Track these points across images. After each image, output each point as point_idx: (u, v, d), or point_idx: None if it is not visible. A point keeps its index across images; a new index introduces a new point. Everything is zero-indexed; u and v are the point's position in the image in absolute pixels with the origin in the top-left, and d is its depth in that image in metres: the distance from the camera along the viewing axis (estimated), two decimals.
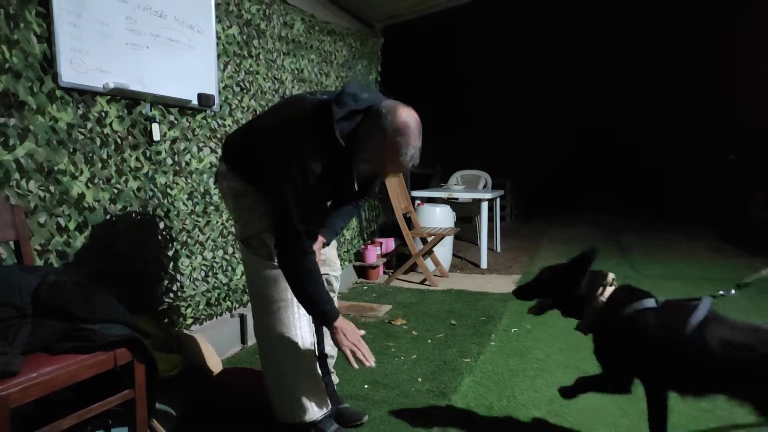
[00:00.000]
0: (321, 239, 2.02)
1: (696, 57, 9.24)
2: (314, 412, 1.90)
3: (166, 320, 2.51)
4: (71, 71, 1.99)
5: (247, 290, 2.54)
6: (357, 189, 1.89)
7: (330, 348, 2.33)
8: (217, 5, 2.77)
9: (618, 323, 1.69)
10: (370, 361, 1.74)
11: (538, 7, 9.19)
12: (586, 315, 1.78)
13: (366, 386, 2.49)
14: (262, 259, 1.87)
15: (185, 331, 2.55)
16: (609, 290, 1.77)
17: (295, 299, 1.82)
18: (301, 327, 1.91)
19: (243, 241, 1.92)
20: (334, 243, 2.30)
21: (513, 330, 3.29)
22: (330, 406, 1.96)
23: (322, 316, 1.77)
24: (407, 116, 1.65)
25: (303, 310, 1.85)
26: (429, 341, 3.12)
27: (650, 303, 1.69)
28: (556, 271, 1.90)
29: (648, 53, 10.01)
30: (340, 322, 1.76)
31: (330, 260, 2.29)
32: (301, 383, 1.90)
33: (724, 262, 5.41)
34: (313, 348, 1.96)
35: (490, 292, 4.26)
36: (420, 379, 2.56)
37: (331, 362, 2.39)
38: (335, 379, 2.32)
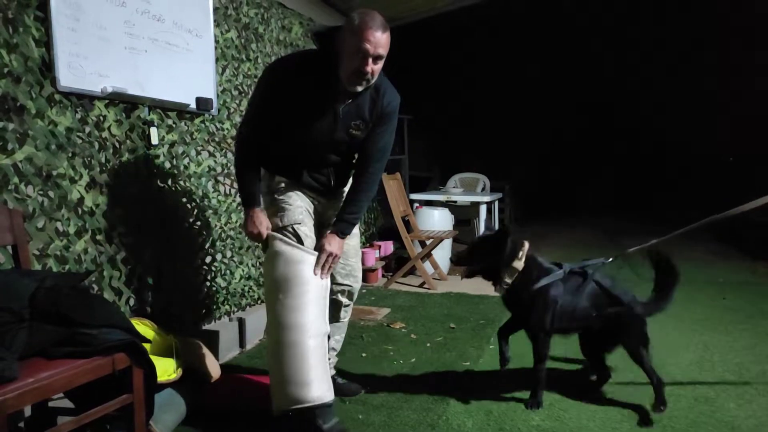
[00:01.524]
0: (334, 234, 2.11)
1: (695, 60, 9.27)
2: (324, 393, 1.95)
3: (165, 325, 2.50)
4: (70, 75, 1.99)
5: (263, 283, 2.74)
6: (349, 130, 2.07)
7: (334, 342, 2.40)
8: (215, 9, 2.77)
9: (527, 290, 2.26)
10: (264, 236, 2.05)
11: (536, 10, 9.22)
12: (504, 278, 2.28)
13: (365, 390, 2.48)
14: (295, 251, 2.01)
15: (185, 336, 2.54)
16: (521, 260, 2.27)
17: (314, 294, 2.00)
18: (316, 317, 1.99)
19: (278, 230, 2.06)
20: (358, 252, 2.39)
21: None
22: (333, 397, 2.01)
23: (242, 198, 2.10)
24: (369, 10, 1.90)
25: (322, 304, 2.04)
26: (428, 345, 3.11)
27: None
28: (485, 239, 2.39)
29: (648, 57, 10.03)
30: (253, 212, 2.05)
31: (354, 270, 2.37)
32: (315, 365, 1.94)
33: (724, 266, 5.41)
34: (326, 338, 2.07)
35: (489, 295, 4.24)
36: (419, 383, 2.56)
37: (332, 360, 2.42)
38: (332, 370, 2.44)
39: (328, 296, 2.11)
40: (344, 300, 2.37)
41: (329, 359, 2.39)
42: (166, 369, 2.15)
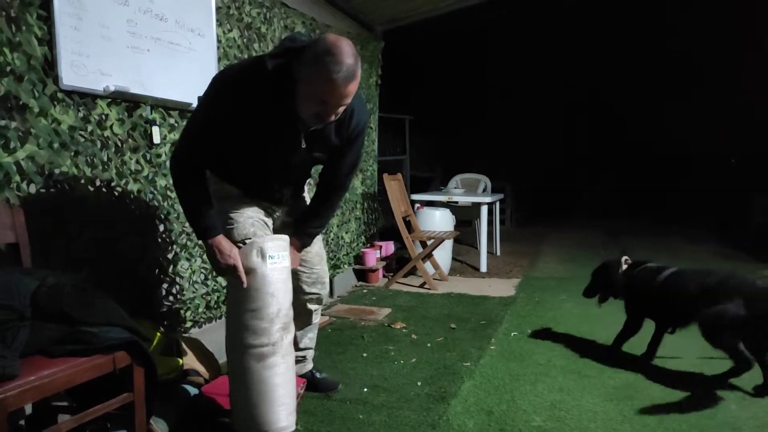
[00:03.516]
0: (295, 241, 2.03)
1: (698, 59, 9.24)
2: (290, 423, 1.89)
3: (165, 323, 2.51)
4: (72, 74, 1.99)
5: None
6: (312, 154, 1.89)
7: (308, 340, 2.42)
8: (217, 9, 2.77)
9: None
10: (244, 282, 1.80)
11: (538, 10, 9.21)
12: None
13: (365, 390, 2.48)
14: (251, 268, 1.84)
15: (184, 335, 2.55)
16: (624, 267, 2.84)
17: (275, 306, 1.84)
18: (283, 332, 1.88)
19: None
20: (322, 258, 2.34)
21: (513, 334, 3.29)
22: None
23: (197, 232, 1.84)
24: (336, 38, 1.62)
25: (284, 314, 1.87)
26: (429, 345, 3.11)
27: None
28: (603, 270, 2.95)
29: (650, 57, 10.02)
30: (217, 242, 1.81)
31: (320, 278, 2.33)
32: (283, 392, 1.86)
33: (727, 266, 5.39)
34: (293, 354, 1.95)
35: (490, 296, 4.25)
36: (419, 383, 2.56)
37: (310, 354, 2.46)
38: (309, 365, 2.47)
39: (291, 308, 1.95)
40: (313, 307, 2.36)
41: (305, 357, 2.44)
42: (167, 367, 2.16)
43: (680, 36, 9.21)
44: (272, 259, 1.85)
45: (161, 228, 2.51)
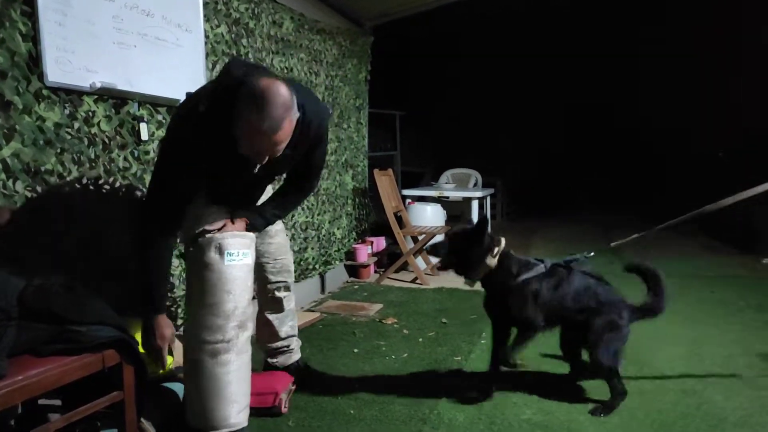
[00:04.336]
0: (243, 220, 1.98)
1: (689, 57, 9.30)
2: (243, 419, 1.89)
3: None
4: (57, 71, 1.97)
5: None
6: (274, 171, 1.95)
7: (289, 328, 2.46)
8: (205, 4, 2.75)
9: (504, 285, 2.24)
10: (163, 365, 1.87)
11: (528, 5, 9.21)
12: (479, 271, 2.26)
13: (357, 385, 2.49)
14: (208, 264, 1.83)
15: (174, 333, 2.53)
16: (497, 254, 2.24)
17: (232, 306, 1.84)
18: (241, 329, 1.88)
19: (189, 243, 1.93)
20: (287, 249, 2.37)
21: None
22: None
23: (148, 304, 1.84)
24: (267, 85, 1.60)
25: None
26: (420, 340, 3.12)
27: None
28: (462, 232, 2.32)
29: (639, 49, 10.06)
30: (159, 320, 1.83)
31: (285, 266, 2.38)
32: (237, 387, 1.86)
33: (715, 260, 5.47)
34: (249, 351, 1.93)
35: (480, 290, 4.24)
36: (411, 378, 2.57)
37: (294, 343, 2.50)
38: (296, 356, 2.49)
39: (251, 306, 1.95)
40: (283, 294, 2.40)
41: (289, 347, 2.46)
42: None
43: (676, 33, 9.27)
44: (231, 256, 1.84)
45: None
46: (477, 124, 10.94)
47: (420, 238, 4.66)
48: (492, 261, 2.22)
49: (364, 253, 4.78)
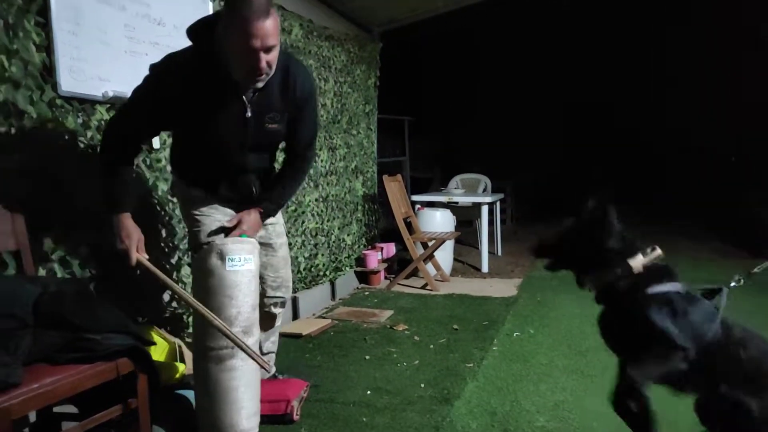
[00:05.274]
0: (257, 209, 2.00)
1: (698, 58, 9.26)
2: (253, 425, 1.88)
3: (168, 329, 2.50)
4: (71, 80, 1.99)
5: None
6: (265, 126, 1.88)
7: (270, 344, 2.43)
8: (215, 12, 2.76)
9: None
10: (132, 261, 1.76)
11: (537, 11, 9.22)
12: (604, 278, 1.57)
13: (369, 392, 2.47)
14: (209, 270, 1.84)
15: (187, 340, 2.54)
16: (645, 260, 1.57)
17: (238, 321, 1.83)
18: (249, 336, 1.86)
19: (194, 250, 1.94)
20: (287, 262, 2.33)
21: (515, 334, 3.28)
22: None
23: (107, 199, 1.81)
24: None
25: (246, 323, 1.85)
26: (431, 347, 3.10)
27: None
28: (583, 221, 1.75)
29: (649, 55, 10.04)
30: (122, 220, 1.78)
31: (285, 281, 2.31)
32: (246, 394, 1.85)
33: (726, 264, 5.40)
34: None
35: (492, 296, 4.24)
36: (423, 385, 2.55)
37: (271, 358, 2.46)
38: (271, 370, 2.42)
39: (255, 311, 1.93)
40: (277, 311, 2.35)
41: (270, 363, 2.42)
42: (170, 373, 2.15)
43: (680, 44, 9.23)
44: (232, 261, 1.83)
45: (164, 233, 2.50)
46: (487, 129, 10.92)
47: (430, 243, 4.65)
48: (638, 263, 1.57)
49: (374, 259, 4.77)
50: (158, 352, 2.16)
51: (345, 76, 4.39)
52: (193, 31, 1.81)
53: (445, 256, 5.03)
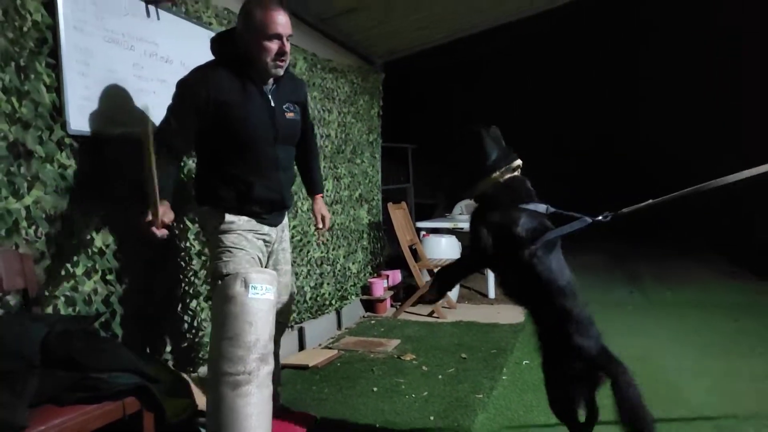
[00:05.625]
0: (319, 197, 2.48)
1: (700, 82, 9.35)
2: None
3: (175, 363, 2.48)
4: (80, 119, 2.02)
5: None
6: (285, 115, 2.11)
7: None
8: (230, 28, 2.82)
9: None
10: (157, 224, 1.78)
11: (535, 40, 9.36)
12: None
13: (377, 425, 2.44)
14: (232, 297, 1.89)
15: (194, 375, 2.52)
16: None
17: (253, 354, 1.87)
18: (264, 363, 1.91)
19: (217, 278, 1.98)
20: (288, 289, 2.38)
21: (525, 362, 3.24)
22: None
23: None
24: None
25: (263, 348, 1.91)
26: (440, 377, 3.07)
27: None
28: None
29: (656, 84, 10.14)
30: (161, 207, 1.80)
31: (285, 306, 2.37)
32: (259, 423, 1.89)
33: (734, 286, 5.35)
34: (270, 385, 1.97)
35: (499, 323, 4.20)
36: (432, 417, 2.51)
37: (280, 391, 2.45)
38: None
39: (272, 341, 1.99)
40: (277, 337, 2.32)
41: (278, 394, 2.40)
42: (176, 409, 2.12)
43: (683, 61, 9.33)
44: (255, 289, 1.91)
45: (171, 266, 2.51)
46: None
47: (435, 271, 4.62)
48: (498, 176, 1.87)
49: (380, 287, 4.75)
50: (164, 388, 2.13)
51: (349, 107, 4.44)
52: (215, 41, 2.10)
53: None
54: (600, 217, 1.97)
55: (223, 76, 1.99)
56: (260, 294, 1.92)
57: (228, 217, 2.03)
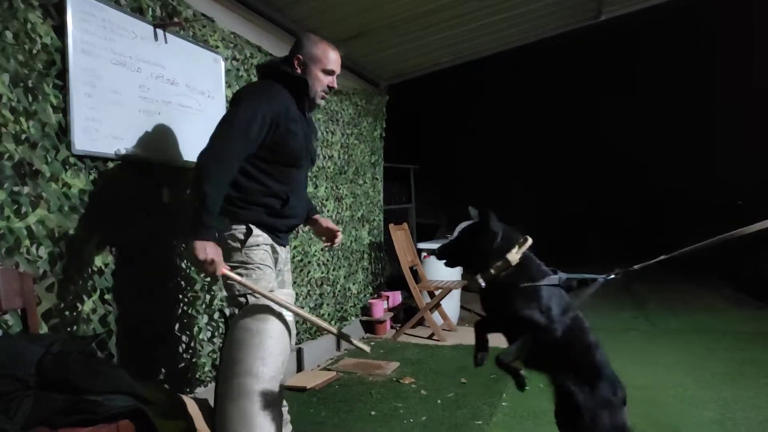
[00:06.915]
0: (325, 220, 2.41)
1: (700, 108, 9.40)
2: None
3: (171, 384, 2.47)
4: (85, 139, 2.04)
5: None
6: (309, 146, 2.21)
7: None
8: (227, 71, 2.86)
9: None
10: (218, 272, 1.87)
11: (539, 64, 9.45)
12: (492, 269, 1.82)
13: None
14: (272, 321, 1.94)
15: (191, 395, 2.50)
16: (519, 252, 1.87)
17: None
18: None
19: (236, 306, 2.01)
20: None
21: (525, 388, 3.20)
22: None
23: (198, 219, 1.85)
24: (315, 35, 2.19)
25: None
26: (439, 401, 3.03)
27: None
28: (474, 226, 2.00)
29: (656, 111, 10.21)
30: (204, 242, 1.83)
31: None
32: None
33: (741, 314, 5.30)
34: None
35: (499, 346, 4.14)
36: None
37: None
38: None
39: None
40: None
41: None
42: (172, 431, 2.11)
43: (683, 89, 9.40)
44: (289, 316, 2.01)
45: (169, 286, 2.51)
46: (491, 176, 11.01)
47: (436, 293, 4.61)
48: (514, 257, 1.85)
49: (380, 308, 4.73)
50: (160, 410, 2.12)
51: (352, 128, 4.48)
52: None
53: (451, 304, 4.97)
54: (612, 275, 2.03)
55: (287, 95, 2.09)
56: (289, 317, 2.03)
57: (255, 230, 2.04)
